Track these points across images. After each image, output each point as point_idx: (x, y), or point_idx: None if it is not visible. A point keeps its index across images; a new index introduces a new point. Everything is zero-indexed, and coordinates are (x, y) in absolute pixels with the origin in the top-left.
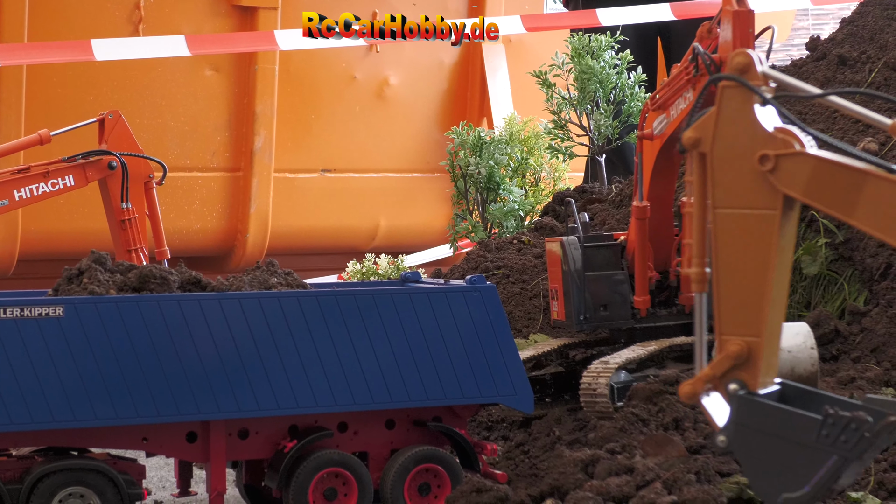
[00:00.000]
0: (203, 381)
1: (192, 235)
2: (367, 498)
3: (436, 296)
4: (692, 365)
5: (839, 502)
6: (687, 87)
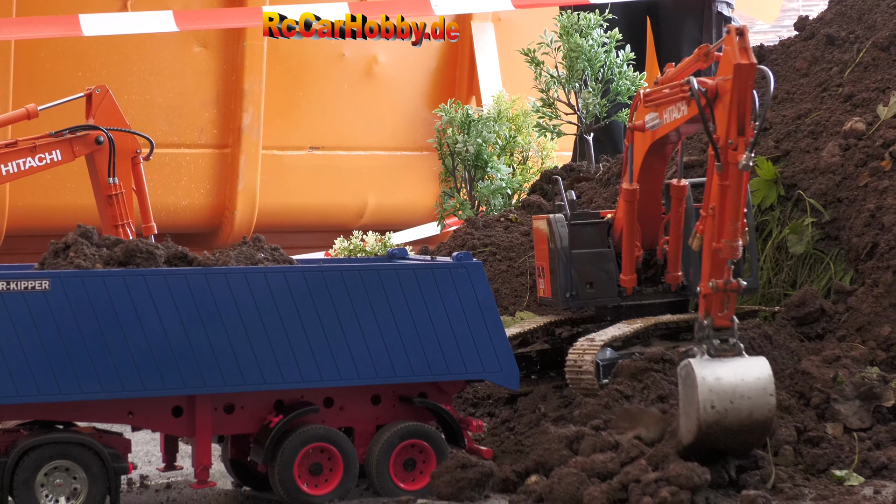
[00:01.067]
0: (189, 356)
1: (180, 212)
2: (352, 473)
3: (422, 272)
4: (677, 343)
5: (823, 480)
6: (681, 101)
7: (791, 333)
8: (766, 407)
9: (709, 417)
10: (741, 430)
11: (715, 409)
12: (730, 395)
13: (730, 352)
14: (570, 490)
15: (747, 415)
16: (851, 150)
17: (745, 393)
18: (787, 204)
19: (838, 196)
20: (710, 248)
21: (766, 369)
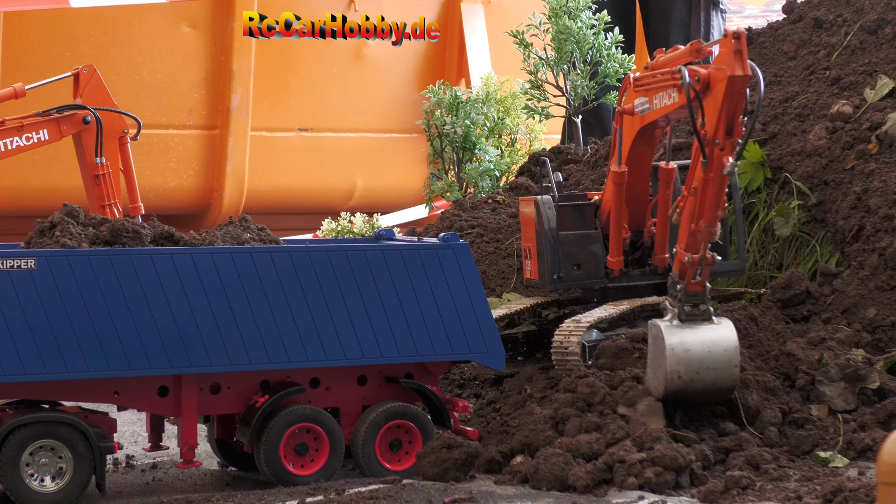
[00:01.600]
0: (175, 336)
1: (168, 193)
2: (338, 453)
3: (409, 253)
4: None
5: (808, 461)
6: (672, 88)
7: (777, 315)
8: (730, 378)
9: (675, 386)
10: (704, 394)
11: (682, 378)
12: (696, 366)
13: (700, 317)
14: (555, 470)
15: (711, 384)
16: (838, 132)
17: (712, 365)
18: (774, 186)
19: (825, 179)
20: (688, 225)
21: (732, 340)
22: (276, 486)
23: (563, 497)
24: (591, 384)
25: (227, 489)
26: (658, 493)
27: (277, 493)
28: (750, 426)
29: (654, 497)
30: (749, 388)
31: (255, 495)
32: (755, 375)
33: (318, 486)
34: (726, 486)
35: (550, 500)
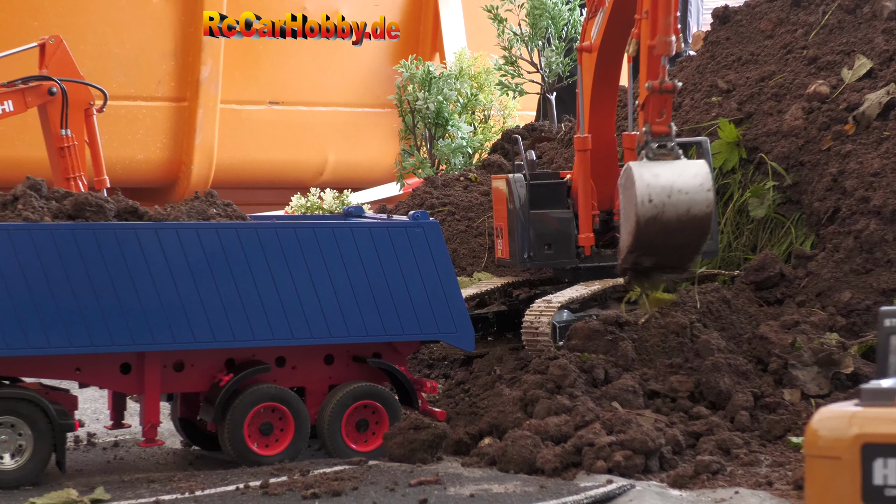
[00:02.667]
0: (138, 312)
1: (136, 166)
2: (303, 433)
3: (378, 231)
4: (636, 306)
5: (780, 447)
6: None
7: (750, 298)
8: (704, 202)
9: (647, 212)
10: (679, 227)
11: (653, 202)
12: (668, 189)
13: (668, 155)
14: (523, 453)
15: (685, 210)
16: (815, 113)
17: (683, 188)
18: (749, 167)
19: (800, 159)
20: (646, 48)
21: (703, 167)
22: (240, 466)
23: (531, 480)
24: (563, 366)
25: (190, 469)
26: (627, 477)
27: (241, 474)
28: (721, 410)
29: (623, 481)
30: (720, 371)
31: (219, 475)
32: (727, 359)
33: (283, 467)
34: (696, 471)
35: (518, 482)
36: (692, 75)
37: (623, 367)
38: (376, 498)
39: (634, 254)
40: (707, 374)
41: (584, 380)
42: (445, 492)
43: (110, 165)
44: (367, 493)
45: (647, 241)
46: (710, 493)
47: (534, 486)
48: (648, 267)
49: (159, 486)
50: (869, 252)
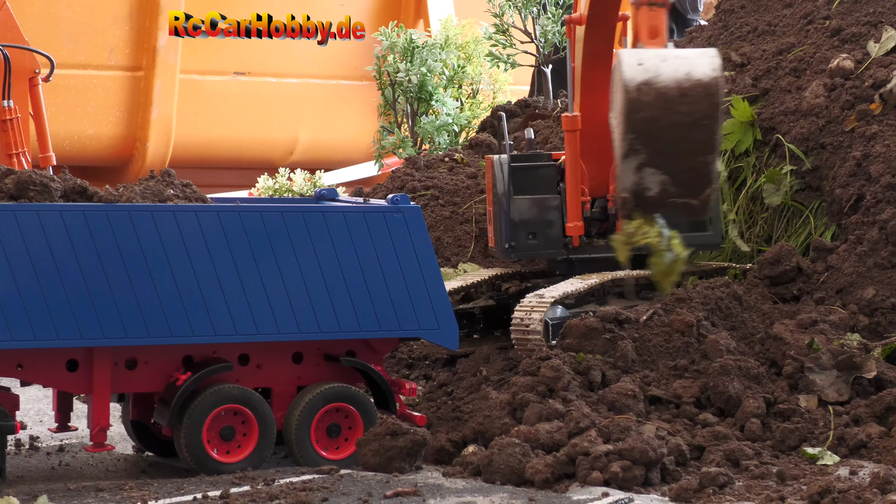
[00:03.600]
0: (86, 303)
1: (86, 142)
2: (268, 439)
3: (353, 216)
4: (636, 302)
5: (794, 458)
6: None
7: (763, 294)
8: (709, 66)
9: (636, 75)
10: (682, 97)
11: (644, 66)
12: (660, 56)
13: None
14: (510, 462)
15: (685, 74)
16: (838, 90)
17: (680, 54)
18: (765, 149)
19: (821, 142)
20: None
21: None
22: (198, 475)
23: (519, 492)
24: (555, 367)
25: (143, 477)
26: (625, 490)
27: (199, 483)
28: (730, 417)
29: (621, 494)
30: (729, 374)
31: (174, 484)
32: (737, 361)
33: (245, 476)
34: (701, 484)
35: (504, 495)
36: (703, 47)
37: (622, 368)
38: None
39: (631, 158)
40: (715, 378)
41: (579, 382)
42: None
43: (57, 141)
44: None
45: (642, 124)
46: None
47: (522, 498)
48: (655, 196)
49: (108, 495)
50: (895, 244)
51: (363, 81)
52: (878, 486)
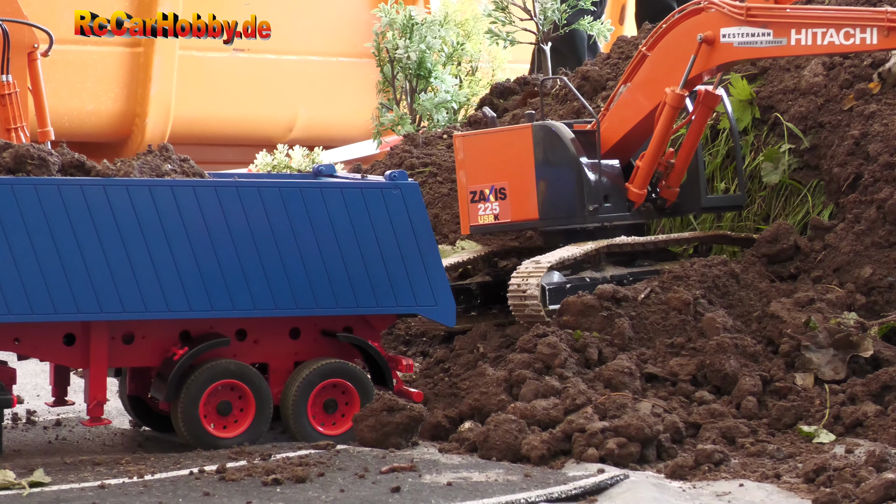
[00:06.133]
0: (84, 277)
1: (85, 118)
2: (265, 414)
3: (350, 192)
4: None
5: (790, 436)
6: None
7: (761, 272)
8: None
9: None
10: None
11: None
12: None
13: None
14: (507, 438)
15: None
16: (836, 69)
17: None
18: (763, 128)
19: (820, 120)
20: None
21: None
22: (195, 450)
23: (515, 468)
24: (552, 344)
25: (140, 451)
26: (621, 467)
27: (195, 457)
28: (726, 395)
29: (616, 471)
30: (726, 352)
31: (171, 459)
32: (733, 339)
33: (242, 451)
34: (696, 461)
35: (500, 470)
36: None
37: (619, 346)
38: (344, 485)
39: None
40: (711, 356)
41: (575, 360)
42: (420, 480)
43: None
44: (333, 480)
45: None
46: (712, 485)
47: (518, 474)
48: None
49: (105, 469)
50: (893, 224)
51: (363, 59)
52: (873, 465)
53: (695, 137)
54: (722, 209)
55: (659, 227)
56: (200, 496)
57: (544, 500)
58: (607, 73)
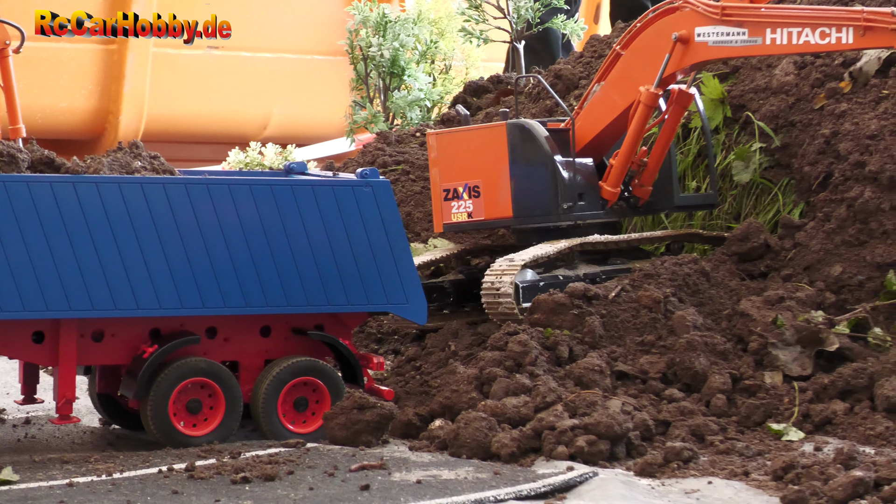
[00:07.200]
0: (53, 275)
1: (58, 115)
2: (235, 412)
3: (322, 189)
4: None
5: (759, 433)
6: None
7: (731, 270)
8: None
9: None
10: None
11: None
12: None
13: None
14: (477, 436)
15: None
16: (808, 68)
17: None
18: (734, 126)
19: (791, 119)
20: None
21: None
22: (164, 448)
23: (485, 466)
24: (523, 342)
25: (109, 449)
26: (590, 464)
27: (165, 455)
28: (696, 393)
29: (585, 468)
30: (696, 350)
31: (140, 457)
32: (703, 337)
33: (212, 449)
34: (666, 459)
35: (470, 468)
36: None
37: (590, 344)
38: (313, 483)
39: None
40: (681, 354)
41: (546, 358)
42: (390, 478)
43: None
44: (303, 479)
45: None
46: (681, 482)
47: (487, 472)
48: None
49: (74, 467)
50: (863, 222)
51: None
52: (841, 462)
53: (668, 136)
54: (694, 208)
55: (630, 224)
56: (169, 494)
57: (513, 497)
58: (580, 72)
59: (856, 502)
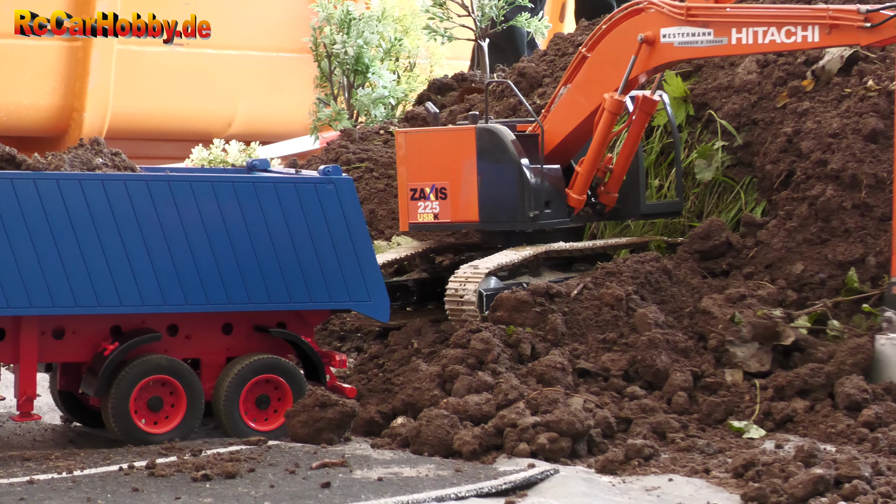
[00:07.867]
0: (13, 272)
1: (22, 112)
2: (196, 409)
3: (284, 187)
4: (569, 274)
5: (720, 431)
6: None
7: (693, 268)
8: None
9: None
10: None
11: None
12: None
13: None
14: (439, 434)
15: None
16: (770, 66)
17: None
18: (697, 125)
19: (753, 118)
20: None
21: None
22: (125, 445)
23: (446, 463)
24: (485, 340)
25: (70, 447)
26: (552, 462)
27: (125, 453)
28: (657, 390)
29: (546, 465)
30: (658, 348)
31: (101, 454)
32: (665, 335)
33: (173, 446)
34: (627, 456)
35: (432, 466)
36: None
37: (552, 341)
38: (274, 481)
39: None
40: (643, 352)
41: (508, 355)
42: (351, 475)
43: None
44: (264, 476)
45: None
46: (642, 479)
47: (449, 469)
48: None
49: (35, 464)
50: (825, 220)
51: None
52: (802, 460)
53: (633, 143)
54: (660, 215)
55: (591, 227)
56: (129, 492)
57: (474, 495)
58: (544, 70)
59: (816, 500)
